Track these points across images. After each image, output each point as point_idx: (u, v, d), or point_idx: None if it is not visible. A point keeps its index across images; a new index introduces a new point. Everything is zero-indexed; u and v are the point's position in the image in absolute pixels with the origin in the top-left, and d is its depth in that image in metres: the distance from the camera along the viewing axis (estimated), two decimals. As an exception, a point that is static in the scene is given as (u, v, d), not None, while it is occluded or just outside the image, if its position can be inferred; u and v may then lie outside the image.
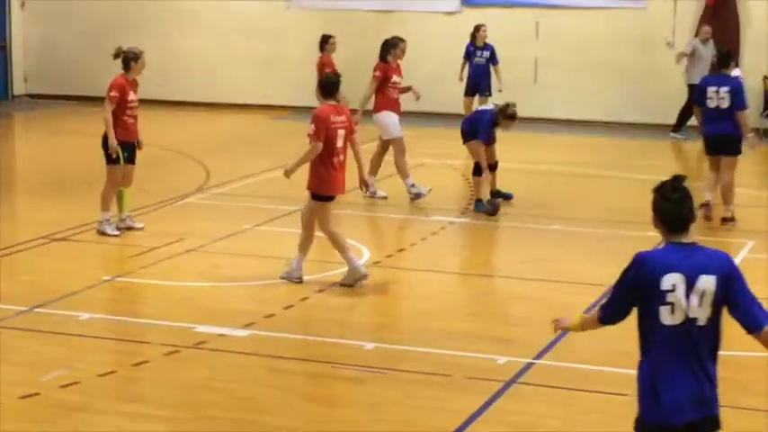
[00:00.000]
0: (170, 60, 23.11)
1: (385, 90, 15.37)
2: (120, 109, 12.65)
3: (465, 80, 20.15)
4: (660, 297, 4.96)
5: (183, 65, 23.44)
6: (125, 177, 12.91)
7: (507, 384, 8.42)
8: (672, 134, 20.31)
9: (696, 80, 16.83)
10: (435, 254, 12.56)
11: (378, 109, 15.40)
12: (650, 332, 5.05)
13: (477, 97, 19.97)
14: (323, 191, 10.85)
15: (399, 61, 15.65)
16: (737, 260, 11.66)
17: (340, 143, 10.80)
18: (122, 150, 12.68)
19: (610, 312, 5.23)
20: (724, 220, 13.74)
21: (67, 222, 13.20)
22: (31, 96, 25.23)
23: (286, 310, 10.19)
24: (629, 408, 7.98)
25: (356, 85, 19.07)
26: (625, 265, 5.04)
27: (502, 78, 20.01)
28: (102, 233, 12.65)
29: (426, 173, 16.94)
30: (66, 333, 9.46)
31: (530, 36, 21.80)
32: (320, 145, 10.67)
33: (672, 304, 4.95)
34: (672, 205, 5.05)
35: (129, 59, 12.84)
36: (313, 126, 10.74)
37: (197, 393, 8.27)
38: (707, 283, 4.95)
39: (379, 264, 11.79)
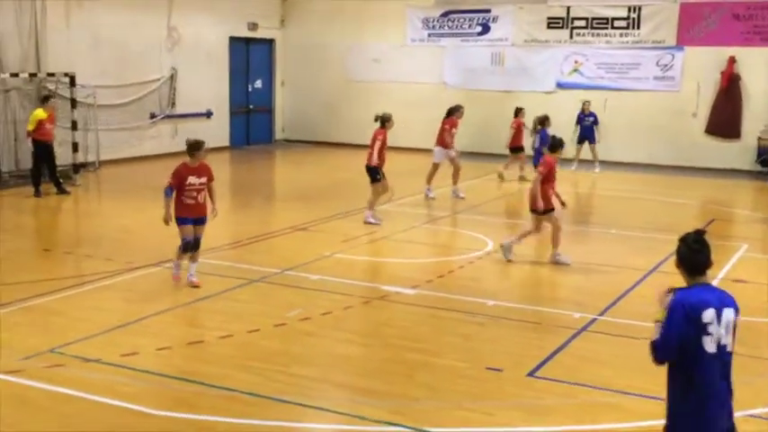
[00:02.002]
0: (371, 118, 23.29)
1: (445, 134, 15.87)
2: (382, 148, 13.20)
3: (577, 134, 20.03)
4: (703, 329, 4.14)
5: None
6: (385, 187, 13.30)
7: (580, 331, 8.26)
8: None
9: None
10: (534, 246, 12.37)
11: (437, 144, 16.00)
12: (695, 360, 4.16)
13: (585, 144, 20.06)
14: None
15: (460, 120, 16.16)
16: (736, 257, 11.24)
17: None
18: (381, 171, 13.28)
19: (663, 350, 4.21)
20: None
21: (305, 219, 13.45)
22: (286, 141, 25.76)
23: (439, 278, 10.16)
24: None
25: (488, 138, 18.99)
26: (659, 258, 4.85)
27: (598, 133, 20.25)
28: (367, 222, 13.03)
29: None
30: (302, 287, 9.62)
31: (600, 108, 21.20)
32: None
33: (712, 335, 4.15)
34: (693, 253, 4.29)
35: (385, 120, 13.27)
36: (542, 168, 10.86)
37: (381, 328, 8.33)
38: (729, 314, 4.19)
39: (498, 251, 11.67)
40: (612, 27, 21.58)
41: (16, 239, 12.18)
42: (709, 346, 4.15)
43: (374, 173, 13.27)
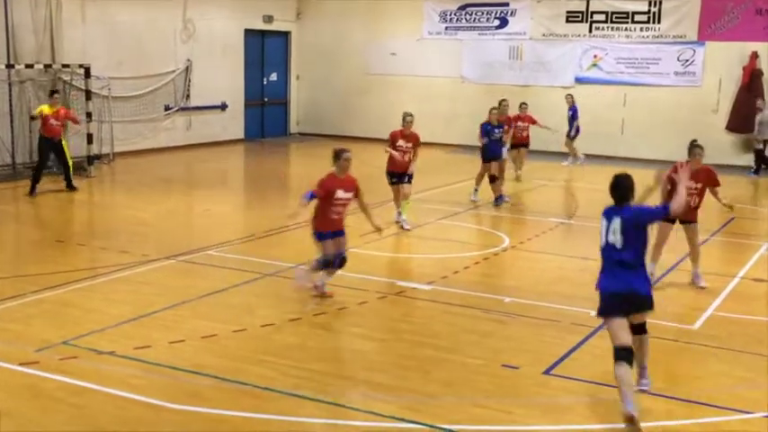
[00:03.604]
0: (387, 112, 23.29)
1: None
2: (393, 148, 12.62)
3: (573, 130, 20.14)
4: (602, 227, 6.20)
5: (394, 115, 23.55)
6: (403, 194, 12.72)
7: (597, 329, 8.19)
8: (751, 174, 19.18)
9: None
10: (551, 242, 12.34)
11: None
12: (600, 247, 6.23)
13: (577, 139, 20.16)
14: None
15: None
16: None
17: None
18: (392, 176, 12.72)
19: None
20: None
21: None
22: (301, 134, 25.80)
23: (454, 274, 10.14)
24: (674, 346, 7.76)
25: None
26: (678, 256, 4.89)
27: (574, 125, 20.03)
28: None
29: (546, 191, 16.65)
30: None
31: (619, 103, 21.21)
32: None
33: (602, 233, 6.17)
34: (611, 188, 6.26)
35: (403, 119, 12.77)
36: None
37: (396, 324, 8.32)
38: (615, 221, 6.10)
39: (514, 247, 11.65)
40: (633, 21, 21.48)
41: (30, 231, 12.26)
42: (602, 240, 6.20)
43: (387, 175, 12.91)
